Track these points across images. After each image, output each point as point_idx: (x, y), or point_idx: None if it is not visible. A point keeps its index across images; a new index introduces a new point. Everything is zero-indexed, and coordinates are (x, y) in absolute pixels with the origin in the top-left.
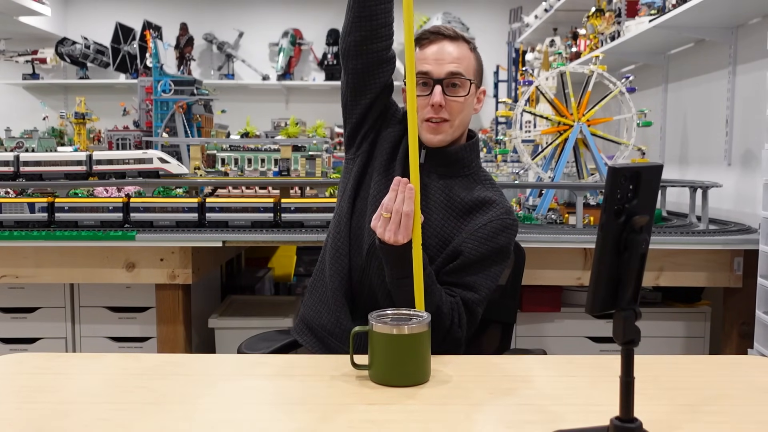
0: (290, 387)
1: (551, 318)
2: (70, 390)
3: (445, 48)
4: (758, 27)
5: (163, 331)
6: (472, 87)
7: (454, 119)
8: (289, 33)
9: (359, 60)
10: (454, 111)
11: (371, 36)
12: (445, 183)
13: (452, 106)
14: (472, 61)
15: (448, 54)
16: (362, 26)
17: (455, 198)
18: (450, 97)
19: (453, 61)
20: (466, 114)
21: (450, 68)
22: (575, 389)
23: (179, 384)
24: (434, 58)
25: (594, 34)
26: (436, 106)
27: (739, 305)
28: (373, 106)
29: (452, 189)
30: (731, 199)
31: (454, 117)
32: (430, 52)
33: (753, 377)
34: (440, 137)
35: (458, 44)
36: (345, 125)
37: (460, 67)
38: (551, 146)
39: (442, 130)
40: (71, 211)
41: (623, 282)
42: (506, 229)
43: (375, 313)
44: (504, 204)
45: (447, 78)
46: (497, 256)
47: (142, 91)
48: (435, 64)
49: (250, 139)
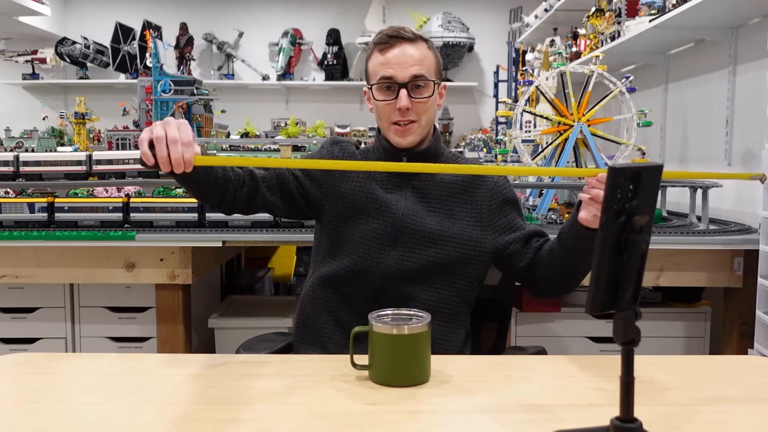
0: (290, 387)
1: (551, 318)
2: (70, 390)
3: (406, 51)
4: (758, 27)
5: (163, 331)
6: (436, 86)
7: (421, 119)
8: (289, 33)
9: (243, 211)
10: (420, 112)
11: (231, 202)
12: (431, 177)
13: (418, 108)
14: (432, 60)
15: (410, 57)
16: (221, 206)
17: (447, 183)
18: (415, 99)
19: (415, 64)
20: (432, 112)
21: (413, 71)
22: (575, 389)
23: (179, 384)
24: (397, 62)
25: (594, 34)
26: (403, 110)
27: (739, 305)
28: (292, 201)
29: (439, 180)
30: (731, 199)
31: (421, 117)
32: (392, 56)
33: (753, 377)
34: (410, 138)
35: (418, 45)
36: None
37: (422, 69)
38: (551, 146)
39: (411, 131)
40: (71, 211)
41: (623, 282)
42: (504, 186)
43: (375, 313)
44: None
45: (411, 81)
46: (516, 203)
47: (142, 91)
48: (398, 68)
49: (250, 139)
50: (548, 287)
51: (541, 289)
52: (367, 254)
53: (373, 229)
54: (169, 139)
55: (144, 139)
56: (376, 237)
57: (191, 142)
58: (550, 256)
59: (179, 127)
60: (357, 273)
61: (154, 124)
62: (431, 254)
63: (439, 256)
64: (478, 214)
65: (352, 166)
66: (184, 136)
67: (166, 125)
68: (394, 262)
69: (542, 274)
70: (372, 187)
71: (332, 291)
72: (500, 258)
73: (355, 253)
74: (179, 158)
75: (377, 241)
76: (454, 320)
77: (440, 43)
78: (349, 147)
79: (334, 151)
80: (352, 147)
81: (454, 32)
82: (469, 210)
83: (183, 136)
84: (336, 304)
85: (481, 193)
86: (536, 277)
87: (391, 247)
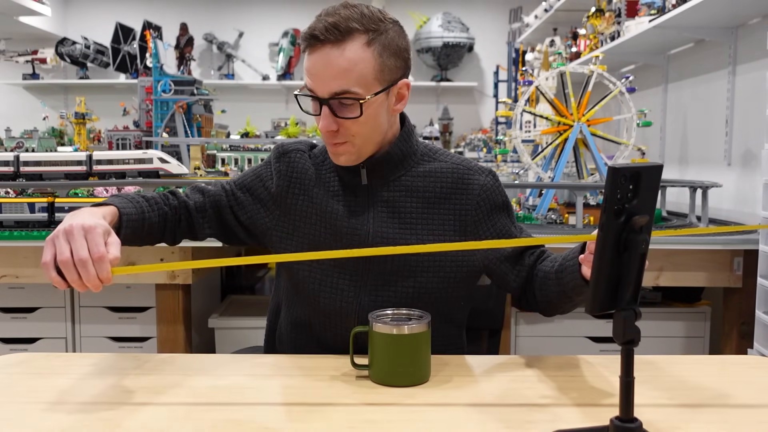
0: (290, 387)
1: (551, 318)
2: (70, 390)
3: (324, 58)
4: (758, 27)
5: (163, 331)
6: (369, 102)
7: (354, 140)
8: (289, 33)
9: (192, 238)
10: (350, 133)
11: (171, 241)
12: (403, 185)
13: (346, 128)
14: (368, 64)
15: (330, 67)
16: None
17: (424, 191)
18: (341, 118)
19: (335, 77)
20: (372, 129)
21: (332, 87)
22: (575, 389)
23: (179, 384)
24: (314, 73)
25: (594, 34)
26: (325, 132)
27: (739, 305)
28: (232, 235)
29: (414, 188)
30: (731, 199)
31: (353, 138)
32: (311, 64)
33: (753, 377)
34: (343, 158)
35: (344, 48)
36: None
37: (346, 83)
38: (551, 146)
39: (344, 152)
40: (71, 211)
41: (623, 282)
42: (493, 190)
43: (375, 313)
44: (461, 168)
45: (332, 98)
46: (508, 208)
47: (142, 91)
48: (316, 80)
49: (250, 139)
50: (538, 308)
51: (531, 308)
52: (335, 294)
53: (336, 265)
54: (76, 261)
55: (48, 263)
56: (342, 274)
57: (103, 255)
58: (544, 286)
59: (87, 236)
60: (328, 317)
61: (56, 233)
62: (410, 285)
63: (420, 285)
64: (462, 226)
65: (307, 256)
66: (94, 251)
67: (69, 238)
68: (367, 301)
69: (534, 295)
70: (331, 207)
71: (306, 337)
72: (491, 275)
73: (322, 294)
74: (94, 281)
75: (344, 278)
76: (447, 346)
77: (440, 43)
78: (299, 159)
79: (280, 167)
80: (303, 157)
81: (453, 32)
82: (452, 222)
83: (93, 251)
84: (313, 350)
85: (466, 200)
86: (528, 297)
87: (362, 284)
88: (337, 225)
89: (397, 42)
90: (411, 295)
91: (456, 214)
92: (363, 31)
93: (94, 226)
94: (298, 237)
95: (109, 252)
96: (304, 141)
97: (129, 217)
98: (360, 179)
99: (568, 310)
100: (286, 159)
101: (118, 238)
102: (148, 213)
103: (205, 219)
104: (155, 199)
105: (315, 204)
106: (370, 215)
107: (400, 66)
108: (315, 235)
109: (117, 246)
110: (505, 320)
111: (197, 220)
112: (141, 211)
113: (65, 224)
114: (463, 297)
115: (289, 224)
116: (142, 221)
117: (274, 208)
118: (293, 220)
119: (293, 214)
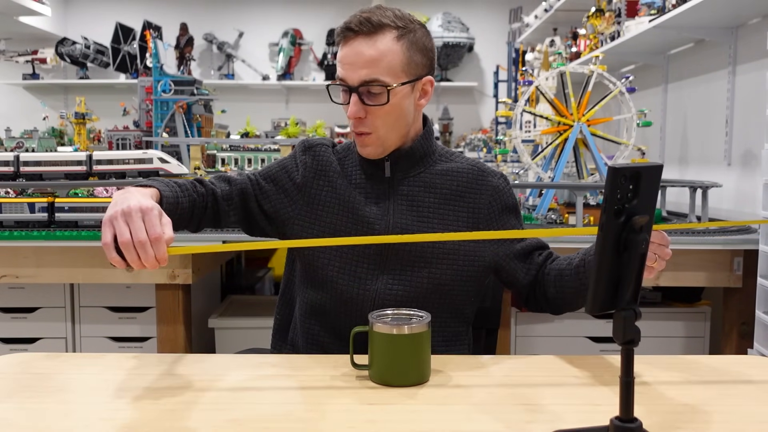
0: (290, 387)
1: (551, 318)
2: (70, 390)
3: (358, 48)
4: (758, 27)
5: (163, 331)
6: (396, 91)
7: (378, 130)
8: (289, 33)
9: (215, 226)
10: (376, 122)
11: (196, 228)
12: (422, 181)
13: (373, 116)
14: (396, 56)
15: (361, 56)
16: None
17: (441, 188)
18: (369, 105)
19: (366, 65)
20: (396, 119)
21: (362, 75)
22: (575, 389)
23: (179, 384)
24: (346, 62)
25: (594, 34)
26: (353, 119)
27: (739, 305)
28: (254, 224)
29: (432, 185)
30: (731, 199)
31: (378, 128)
32: (344, 55)
33: (753, 377)
34: (369, 150)
35: (375, 40)
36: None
37: (375, 72)
38: (551, 146)
39: (369, 143)
40: (71, 211)
41: (623, 282)
42: (504, 192)
43: (375, 312)
44: (476, 170)
45: (361, 86)
46: (517, 211)
47: (142, 91)
48: (348, 69)
49: (250, 139)
50: (548, 306)
51: (540, 306)
52: (353, 281)
53: (356, 252)
54: (135, 242)
55: (109, 244)
56: (361, 261)
57: (160, 236)
58: (559, 282)
59: (144, 218)
60: (345, 303)
61: (114, 215)
62: (425, 275)
63: (434, 276)
64: (475, 223)
65: (326, 242)
66: (152, 232)
67: (128, 219)
68: (384, 288)
69: (545, 293)
70: (353, 197)
71: (320, 324)
72: (500, 272)
73: (340, 280)
74: (152, 261)
75: (362, 265)
76: (454, 341)
77: (440, 43)
78: (324, 152)
79: (306, 159)
80: (327, 151)
81: (454, 32)
82: (466, 219)
83: (151, 232)
84: (326, 338)
85: (480, 199)
86: (537, 295)
87: (379, 272)
88: (359, 214)
89: (424, 41)
90: (425, 285)
91: (469, 211)
92: (393, 27)
93: (150, 208)
94: (319, 225)
95: (165, 233)
96: (327, 138)
97: (167, 200)
98: (383, 172)
99: (579, 307)
100: (311, 152)
101: None
102: (181, 198)
103: (231, 207)
104: (185, 186)
105: (338, 194)
106: (390, 207)
107: (425, 63)
108: (336, 224)
109: (170, 226)
110: (504, 320)
111: (223, 207)
112: (176, 196)
113: (123, 204)
114: (474, 293)
115: (311, 213)
116: (176, 206)
117: (298, 197)
118: (315, 209)
119: (316, 203)
